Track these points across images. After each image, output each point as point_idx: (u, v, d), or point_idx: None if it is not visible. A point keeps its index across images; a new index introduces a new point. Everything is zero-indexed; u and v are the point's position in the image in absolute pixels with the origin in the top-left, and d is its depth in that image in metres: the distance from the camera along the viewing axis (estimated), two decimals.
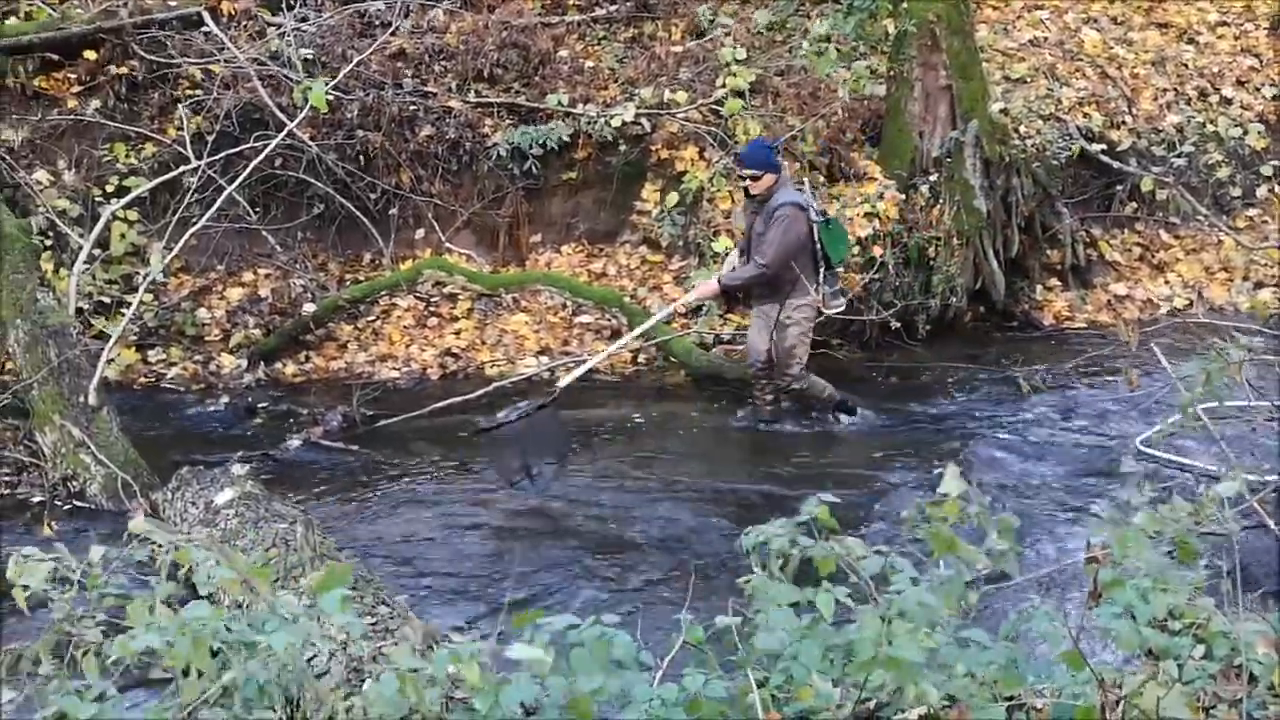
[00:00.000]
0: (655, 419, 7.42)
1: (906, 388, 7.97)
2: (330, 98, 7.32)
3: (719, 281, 6.90)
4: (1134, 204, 9.73)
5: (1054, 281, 9.32)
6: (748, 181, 6.70)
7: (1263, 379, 5.43)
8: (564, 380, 6.54)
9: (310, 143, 8.59)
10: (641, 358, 8.40)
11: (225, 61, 8.73)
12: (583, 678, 2.23)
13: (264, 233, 8.76)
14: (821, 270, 6.84)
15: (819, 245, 6.78)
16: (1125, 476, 5.90)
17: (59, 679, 2.32)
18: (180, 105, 8.64)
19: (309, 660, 2.95)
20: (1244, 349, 2.32)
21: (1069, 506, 5.88)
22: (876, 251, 8.46)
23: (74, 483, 5.89)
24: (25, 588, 2.37)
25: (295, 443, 6.93)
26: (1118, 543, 2.11)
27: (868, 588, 2.53)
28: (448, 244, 9.23)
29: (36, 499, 5.90)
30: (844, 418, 7.14)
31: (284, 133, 7.55)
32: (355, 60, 8.64)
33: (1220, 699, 2.62)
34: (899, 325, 8.51)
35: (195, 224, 7.43)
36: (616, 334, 8.56)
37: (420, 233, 9.25)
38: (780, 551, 2.49)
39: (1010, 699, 2.63)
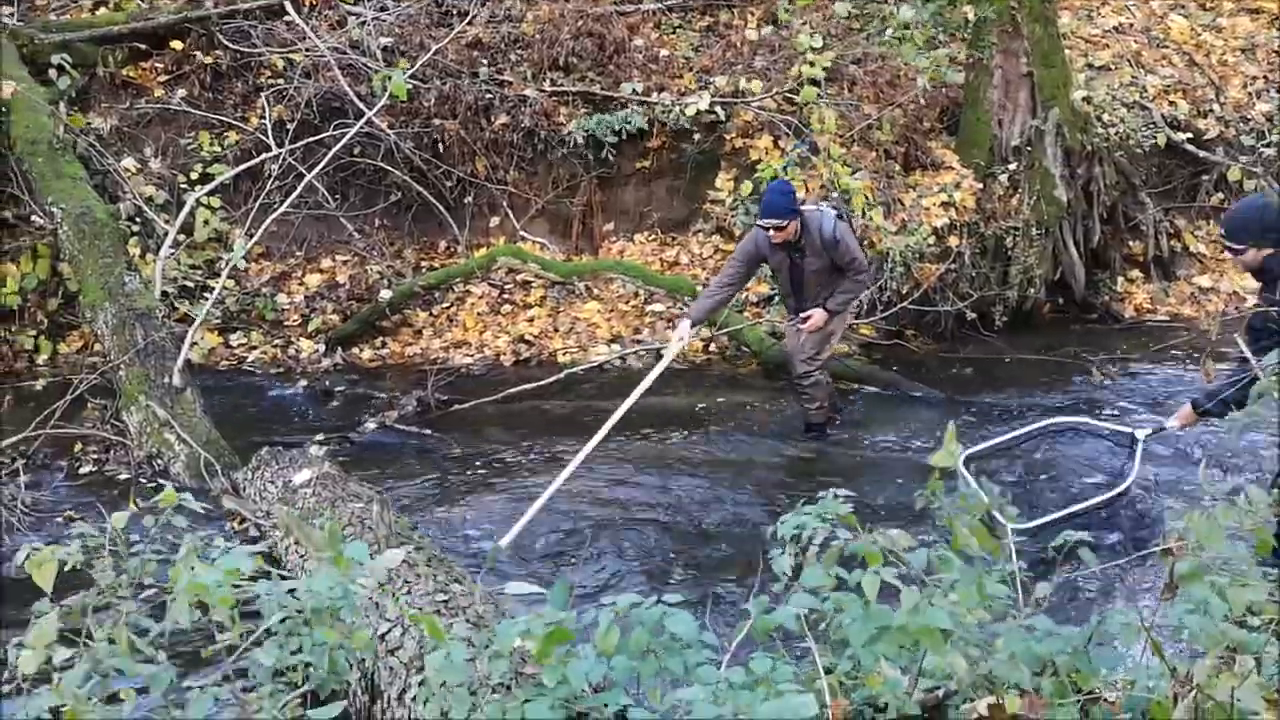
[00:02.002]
0: (725, 408, 7.41)
1: (981, 379, 7.86)
2: (408, 86, 7.42)
3: (826, 309, 6.47)
4: (1220, 194, 9.47)
5: (1135, 273, 9.12)
6: (771, 232, 6.26)
7: None
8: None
9: (388, 131, 8.72)
10: (713, 346, 8.39)
11: (306, 50, 8.91)
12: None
13: (342, 220, 8.94)
14: None
15: None
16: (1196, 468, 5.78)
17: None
18: (262, 94, 8.84)
19: (382, 635, 3.02)
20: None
21: (1138, 499, 5.75)
22: (953, 242, 8.36)
23: (158, 461, 6.07)
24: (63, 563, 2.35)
25: (371, 426, 7.04)
26: (1195, 535, 2.07)
27: (911, 574, 2.51)
28: (522, 232, 9.31)
29: (123, 476, 6.08)
30: (815, 433, 6.87)
31: (363, 121, 7.68)
32: (433, 49, 8.75)
33: None
34: (975, 316, 8.40)
35: (275, 211, 7.58)
36: None
37: (495, 221, 9.35)
38: (808, 540, 2.50)
39: (1082, 691, 2.59)
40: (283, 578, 2.55)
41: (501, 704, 2.09)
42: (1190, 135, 9.33)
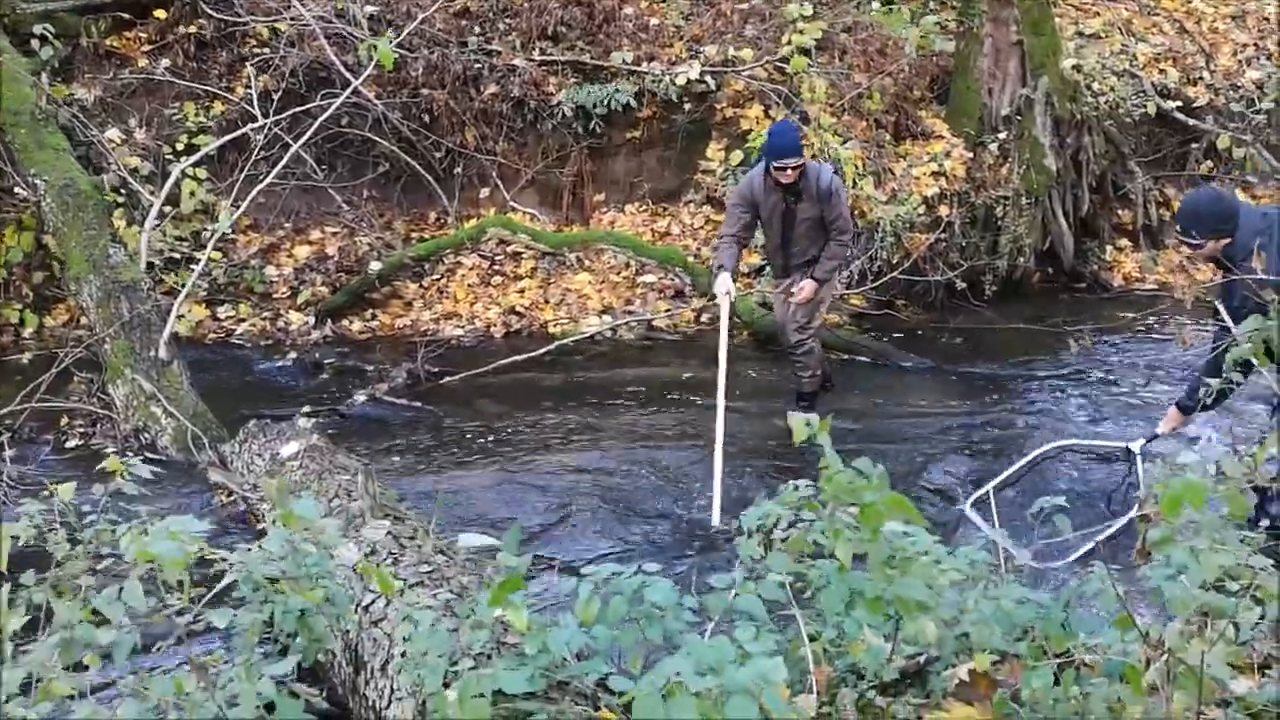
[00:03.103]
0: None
1: (970, 349, 7.88)
2: (395, 56, 7.37)
3: (815, 278, 6.40)
4: (1210, 163, 9.46)
5: (1125, 242, 9.13)
6: (789, 173, 6.13)
7: None
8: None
9: (375, 101, 8.66)
10: (705, 316, 8.39)
11: (291, 19, 8.83)
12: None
13: (330, 191, 8.90)
14: None
15: None
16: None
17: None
18: (247, 63, 8.77)
19: (366, 606, 3.04)
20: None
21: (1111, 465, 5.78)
22: (943, 211, 8.34)
23: (145, 434, 6.07)
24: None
25: (361, 398, 7.04)
26: (1166, 501, 2.08)
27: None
28: (512, 203, 9.28)
29: (109, 450, 6.06)
30: (807, 403, 6.76)
31: (349, 90, 7.63)
32: (420, 18, 8.67)
33: (1275, 659, 2.59)
34: (965, 286, 8.41)
35: (262, 182, 7.54)
36: (679, 293, 8.57)
37: (485, 191, 9.31)
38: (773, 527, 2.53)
39: (1061, 655, 2.62)
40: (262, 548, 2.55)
41: (484, 673, 2.09)
42: (1180, 103, 9.30)
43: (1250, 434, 5.21)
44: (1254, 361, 2.38)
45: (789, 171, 6.12)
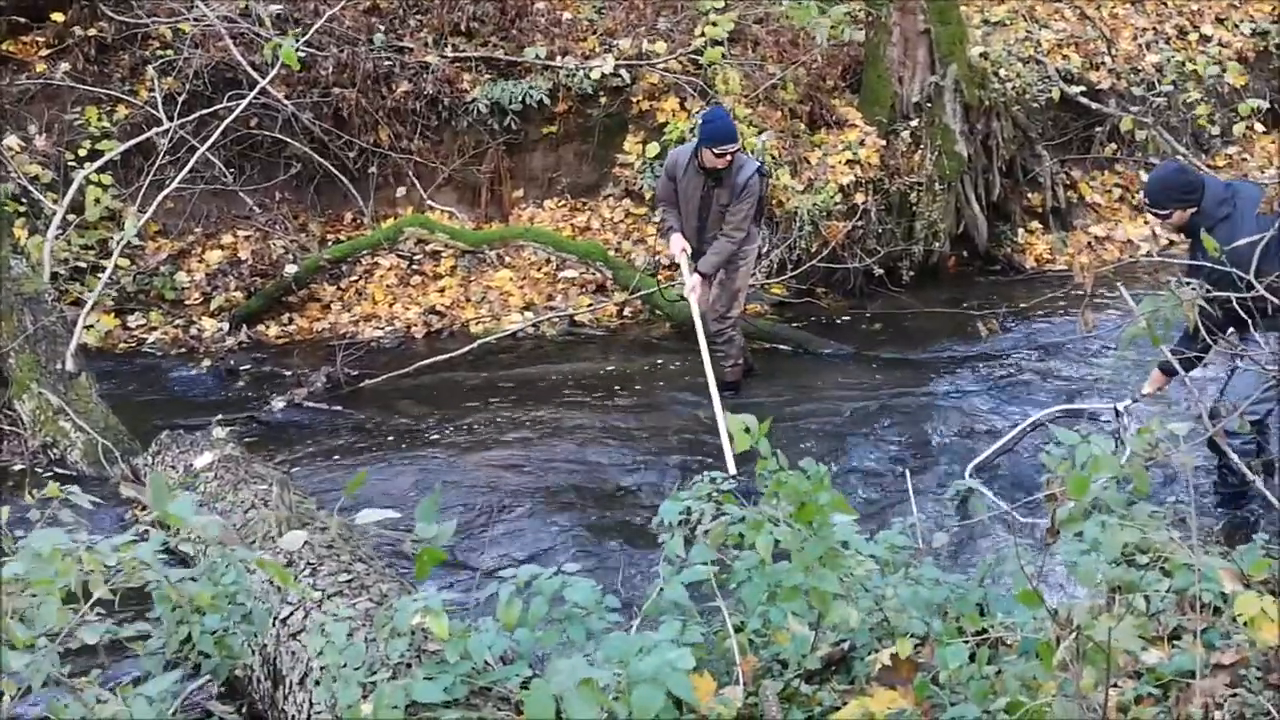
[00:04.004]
0: (639, 371, 7.43)
1: (890, 334, 7.99)
2: (302, 55, 7.26)
3: (699, 273, 6.48)
4: (1114, 145, 9.71)
5: (1035, 224, 9.31)
6: (726, 158, 6.20)
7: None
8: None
9: (285, 101, 8.51)
10: (627, 311, 8.39)
11: (195, 20, 8.63)
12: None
13: (241, 194, 8.74)
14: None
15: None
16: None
17: None
18: (150, 66, 8.56)
19: (284, 619, 2.98)
20: (1195, 288, 2.34)
21: (1035, 446, 5.90)
22: (859, 199, 8.44)
23: (54, 450, 5.89)
24: None
25: (279, 404, 6.92)
26: (1072, 482, 2.13)
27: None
28: (429, 201, 9.18)
29: (17, 467, 5.88)
30: (730, 392, 6.79)
31: (255, 90, 7.49)
32: (326, 15, 8.53)
33: (1184, 629, 2.67)
34: (882, 272, 8.51)
35: (169, 186, 7.37)
36: (601, 288, 8.56)
37: (401, 191, 9.20)
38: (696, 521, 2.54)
39: (980, 633, 2.67)
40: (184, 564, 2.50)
41: (398, 684, 2.06)
42: (1083, 88, 9.51)
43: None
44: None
45: (725, 157, 6.19)
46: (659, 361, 7.59)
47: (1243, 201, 4.68)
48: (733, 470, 5.29)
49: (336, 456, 6.22)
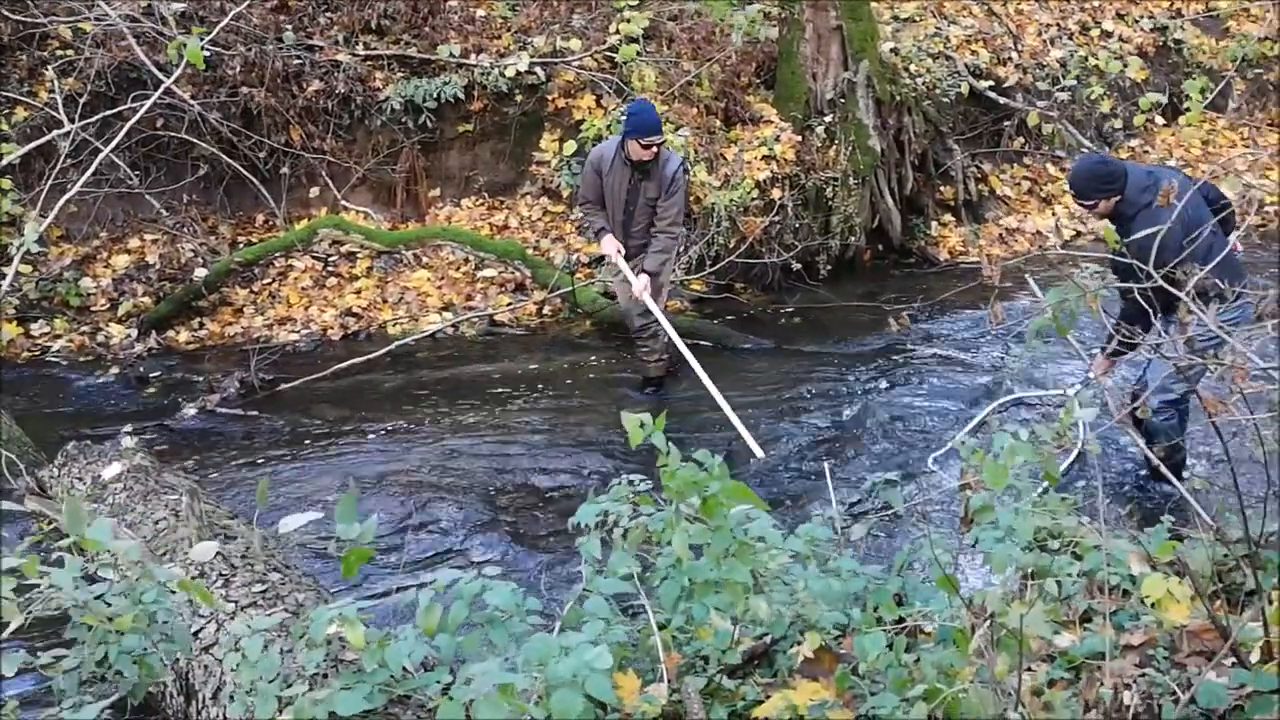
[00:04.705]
0: (562, 370, 7.40)
1: (808, 328, 8.06)
2: (208, 54, 7.07)
3: (647, 270, 6.46)
4: (1021, 139, 9.92)
5: (948, 217, 9.47)
6: (653, 150, 6.22)
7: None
8: None
9: (191, 102, 8.31)
10: (547, 309, 8.35)
11: (96, 19, 8.38)
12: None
13: (148, 197, 8.51)
14: None
15: None
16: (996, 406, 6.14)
17: None
18: (49, 67, 8.29)
19: (196, 632, 2.91)
20: (1098, 278, 2.40)
21: (950, 435, 6.02)
22: (776, 194, 8.50)
23: None
24: None
25: (191, 411, 6.77)
26: (987, 471, 2.16)
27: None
28: (343, 202, 9.04)
29: None
30: (654, 387, 6.97)
31: (160, 91, 7.30)
32: (232, 14, 8.35)
33: (1095, 612, 2.73)
34: (800, 266, 8.59)
35: (71, 190, 7.15)
36: (520, 287, 8.51)
37: (314, 191, 9.04)
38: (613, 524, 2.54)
39: (898, 622, 2.70)
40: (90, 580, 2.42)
41: (316, 695, 2.02)
42: (991, 83, 9.70)
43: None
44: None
45: (652, 149, 6.21)
46: (580, 360, 7.57)
47: (1160, 186, 4.82)
48: (760, 453, 5.62)
49: (252, 463, 6.10)
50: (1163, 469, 2.97)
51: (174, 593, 2.45)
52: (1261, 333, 2.28)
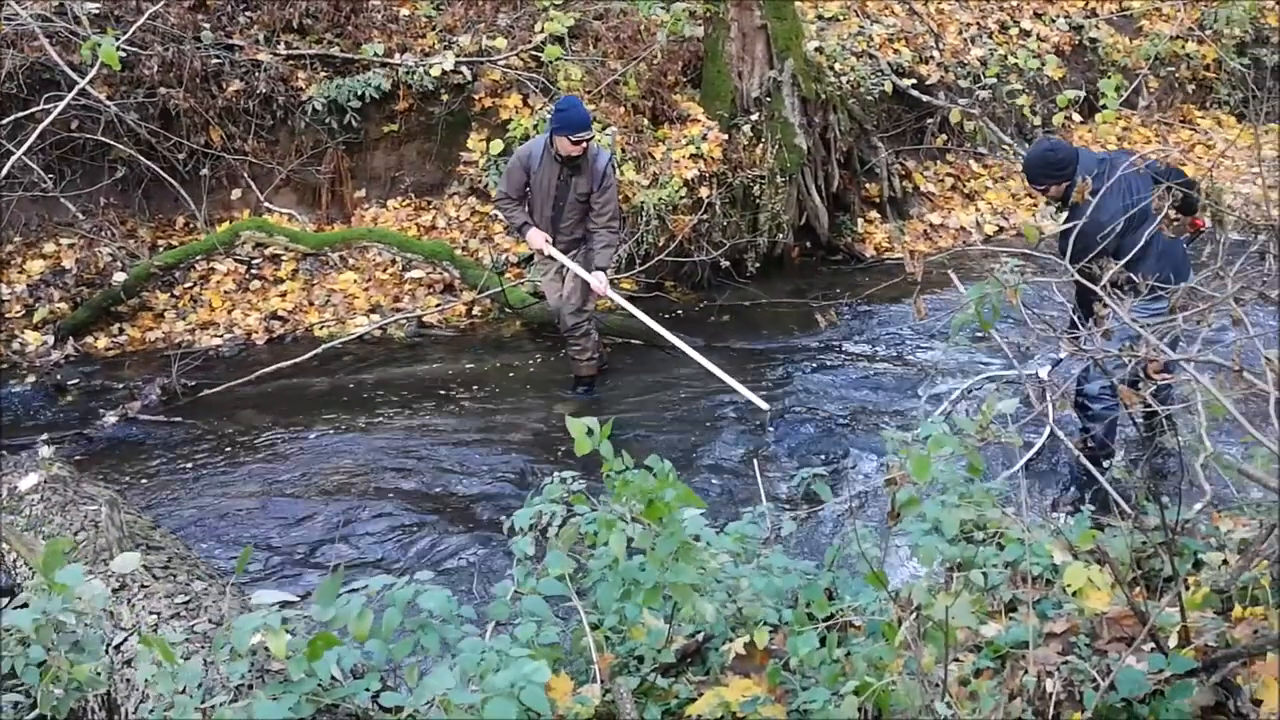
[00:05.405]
0: (491, 371, 7.36)
1: (738, 325, 8.11)
2: (124, 54, 6.90)
3: (600, 267, 6.52)
4: (944, 136, 10.08)
5: (874, 214, 9.58)
6: (583, 145, 6.26)
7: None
8: None
9: (107, 103, 8.10)
10: (476, 310, 8.30)
11: (6, 19, 8.14)
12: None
13: (63, 200, 8.28)
14: None
15: None
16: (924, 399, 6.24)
17: None
18: None
19: (118, 645, 2.84)
20: (1016, 273, 2.44)
21: (878, 430, 6.10)
22: (704, 192, 8.53)
23: None
24: None
25: (111, 419, 6.61)
26: (912, 464, 2.19)
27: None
28: (267, 203, 8.88)
29: None
30: (586, 387, 6.97)
31: (74, 91, 7.09)
32: (149, 13, 8.15)
33: (1019, 601, 2.78)
34: (729, 264, 8.64)
35: None
36: (449, 288, 8.44)
37: (236, 193, 8.88)
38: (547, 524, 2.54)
39: (829, 618, 2.73)
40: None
41: (238, 706, 1.98)
42: (914, 81, 9.84)
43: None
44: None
45: (581, 144, 6.25)
46: (510, 361, 7.54)
47: (1113, 171, 4.89)
48: (765, 406, 6.10)
49: (175, 470, 5.98)
50: (1083, 459, 3.03)
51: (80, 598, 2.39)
52: (1173, 326, 2.34)
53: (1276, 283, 2.75)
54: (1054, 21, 10.96)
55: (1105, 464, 3.40)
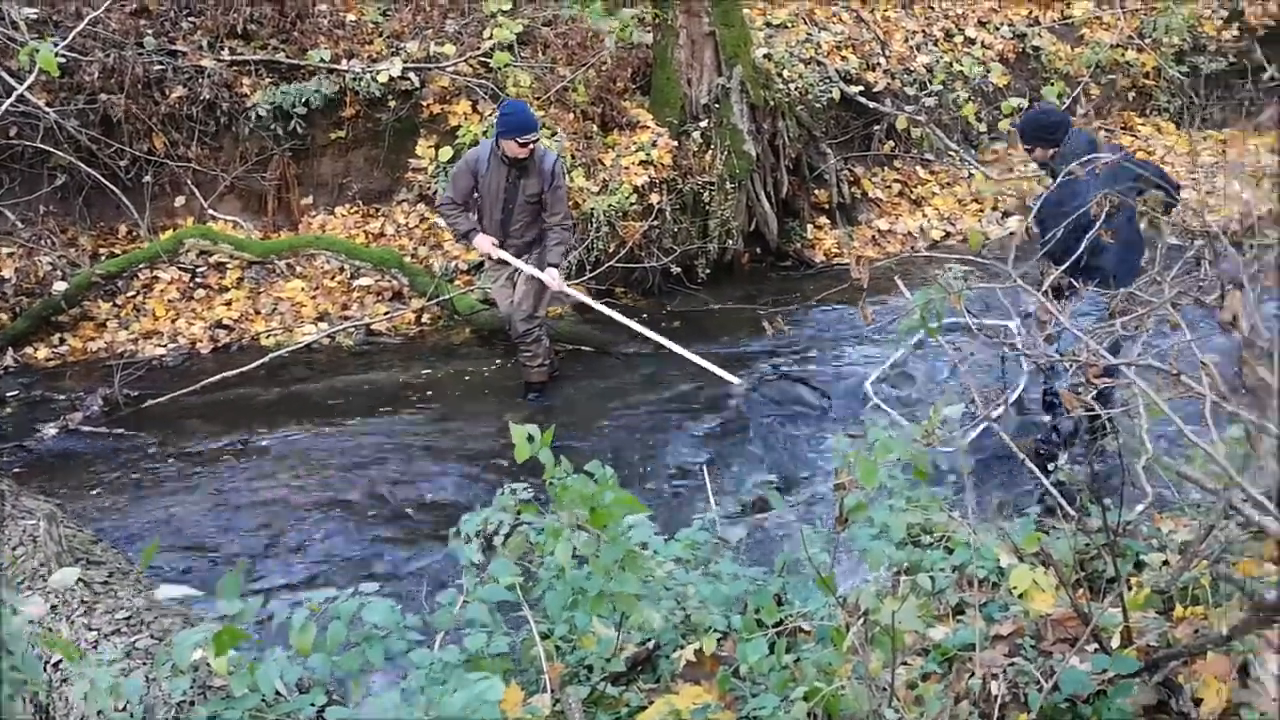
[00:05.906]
0: (442, 379, 7.31)
1: (689, 331, 8.10)
2: (63, 60, 6.80)
3: (554, 265, 6.53)
4: (892, 142, 10.17)
5: (823, 220, 9.64)
6: (529, 148, 6.28)
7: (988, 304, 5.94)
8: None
9: (46, 109, 7.95)
10: (426, 317, 8.24)
11: None
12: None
13: (1, 208, 8.11)
14: None
15: None
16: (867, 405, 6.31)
17: None
18: None
19: (56, 663, 2.78)
20: (961, 279, 2.47)
21: (828, 434, 6.14)
22: (654, 199, 8.54)
23: None
24: None
25: (51, 431, 6.49)
26: (859, 469, 2.20)
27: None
28: (211, 211, 8.76)
29: None
30: (537, 393, 6.96)
31: (12, 98, 6.97)
32: (89, 18, 8.03)
33: (966, 604, 2.81)
34: (680, 270, 8.65)
35: None
36: (398, 295, 8.38)
37: (180, 200, 8.75)
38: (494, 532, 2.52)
39: (778, 624, 2.73)
40: None
41: None
42: (861, 88, 9.93)
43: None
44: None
45: (528, 146, 6.25)
46: (460, 368, 7.49)
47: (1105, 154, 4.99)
48: (736, 380, 6.40)
49: (117, 483, 5.88)
50: (1028, 462, 3.06)
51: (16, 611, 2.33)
52: (1110, 330, 2.37)
53: (1213, 287, 2.80)
54: (998, 30, 11.11)
55: (1051, 466, 3.44)
